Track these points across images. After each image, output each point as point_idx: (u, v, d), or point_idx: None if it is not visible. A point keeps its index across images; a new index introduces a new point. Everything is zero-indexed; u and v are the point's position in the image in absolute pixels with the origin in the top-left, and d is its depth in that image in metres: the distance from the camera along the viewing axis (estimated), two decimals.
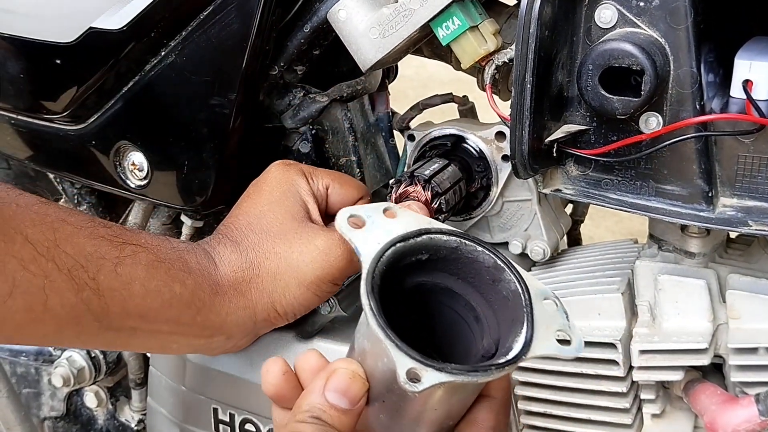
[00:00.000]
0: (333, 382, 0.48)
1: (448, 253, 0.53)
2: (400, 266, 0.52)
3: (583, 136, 0.75)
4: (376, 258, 0.49)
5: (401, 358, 0.44)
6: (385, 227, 0.51)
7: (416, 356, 0.44)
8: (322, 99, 0.94)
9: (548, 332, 0.50)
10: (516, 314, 0.50)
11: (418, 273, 0.54)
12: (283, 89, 0.94)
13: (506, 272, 0.52)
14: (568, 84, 0.74)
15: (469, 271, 0.53)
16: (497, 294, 0.52)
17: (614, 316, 0.84)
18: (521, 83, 0.69)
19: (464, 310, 0.55)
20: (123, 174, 0.95)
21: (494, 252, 0.52)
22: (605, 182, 0.76)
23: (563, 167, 0.79)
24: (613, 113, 0.69)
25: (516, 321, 0.50)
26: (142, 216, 1.10)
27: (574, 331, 0.51)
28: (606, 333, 0.84)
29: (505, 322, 0.51)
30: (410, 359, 0.44)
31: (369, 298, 0.47)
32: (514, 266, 0.52)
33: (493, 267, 0.52)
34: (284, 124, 0.94)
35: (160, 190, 0.94)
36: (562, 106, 0.75)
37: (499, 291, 0.52)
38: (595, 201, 0.77)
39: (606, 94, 0.68)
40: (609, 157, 0.74)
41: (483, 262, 0.52)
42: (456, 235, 0.53)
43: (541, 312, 0.50)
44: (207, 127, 0.86)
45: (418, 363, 0.44)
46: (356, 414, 0.48)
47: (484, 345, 0.53)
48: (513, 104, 0.71)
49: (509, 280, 0.52)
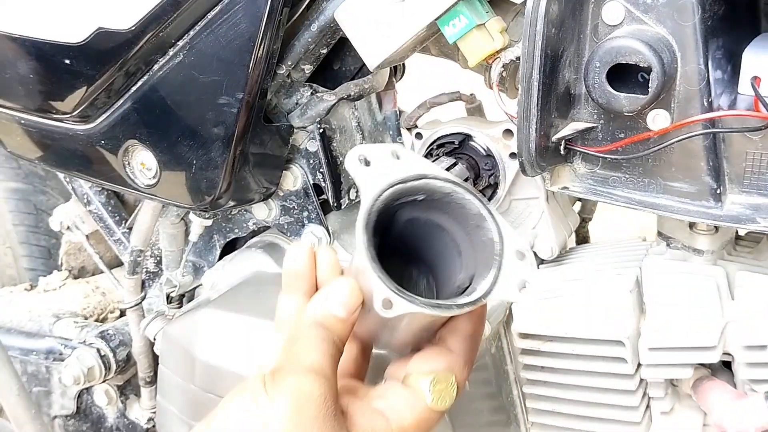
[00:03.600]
0: (333, 296, 0.57)
1: (442, 196, 0.59)
2: (399, 202, 0.59)
3: (591, 134, 0.75)
4: (375, 196, 0.56)
5: (379, 288, 0.53)
6: (389, 168, 0.58)
7: (392, 287, 0.53)
8: (329, 98, 0.94)
9: (511, 281, 0.57)
10: (490, 260, 0.57)
11: (415, 208, 0.60)
12: (291, 88, 0.94)
13: (487, 221, 0.58)
14: (576, 81, 0.74)
15: (459, 214, 0.60)
16: (478, 238, 0.59)
17: (623, 314, 0.84)
18: (528, 81, 0.69)
19: (451, 244, 0.62)
20: (132, 173, 0.96)
21: (482, 201, 0.59)
22: (613, 179, 0.76)
23: (571, 165, 0.79)
24: (620, 110, 0.69)
25: (488, 265, 0.57)
26: (151, 215, 1.11)
27: (532, 284, 0.58)
28: (614, 330, 0.84)
29: (481, 263, 0.58)
30: (387, 289, 0.52)
31: (363, 233, 0.54)
32: (497, 218, 0.59)
33: (478, 215, 0.59)
34: (292, 122, 0.95)
35: (168, 189, 0.94)
36: (569, 103, 0.75)
37: (480, 236, 0.59)
38: (602, 198, 0.77)
39: (613, 91, 0.68)
40: (616, 155, 0.74)
41: (470, 209, 0.59)
42: (450, 182, 0.59)
43: (511, 263, 0.57)
44: (215, 127, 0.87)
45: (392, 293, 0.52)
46: (351, 322, 0.57)
47: (461, 277, 0.60)
48: (520, 102, 0.71)
49: (489, 229, 0.58)
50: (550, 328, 0.88)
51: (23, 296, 1.44)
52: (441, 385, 0.58)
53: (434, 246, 0.63)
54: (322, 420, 0.51)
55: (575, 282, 0.91)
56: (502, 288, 0.56)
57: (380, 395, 0.58)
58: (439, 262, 0.64)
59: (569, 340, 0.87)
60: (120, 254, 1.27)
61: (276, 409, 0.50)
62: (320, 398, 0.51)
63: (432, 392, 0.57)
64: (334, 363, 0.55)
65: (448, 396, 0.58)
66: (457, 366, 0.59)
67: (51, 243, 1.57)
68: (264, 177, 0.96)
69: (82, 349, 1.21)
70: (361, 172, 0.57)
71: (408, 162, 0.59)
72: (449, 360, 0.59)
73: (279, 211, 1.03)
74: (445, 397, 0.58)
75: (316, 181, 0.98)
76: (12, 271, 1.58)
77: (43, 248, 1.57)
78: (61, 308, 1.38)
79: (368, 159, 0.58)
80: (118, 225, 1.25)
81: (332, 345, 0.55)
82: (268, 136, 0.93)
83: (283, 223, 1.02)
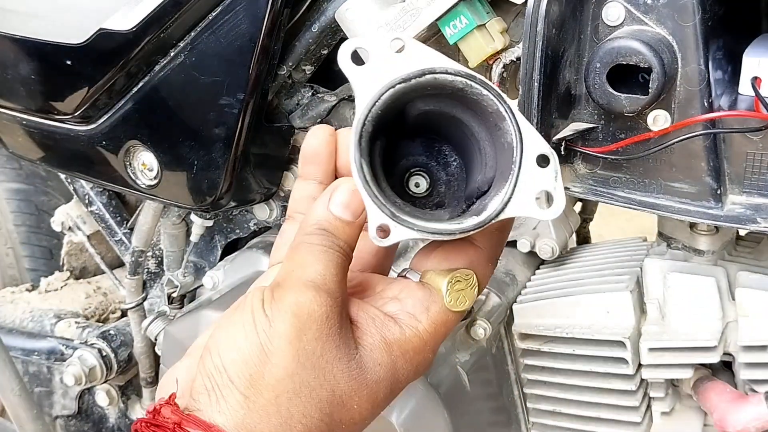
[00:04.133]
0: (336, 197, 0.52)
1: (455, 92, 0.51)
2: (403, 100, 0.51)
3: (591, 134, 0.75)
4: (370, 103, 0.49)
5: (374, 213, 0.47)
6: (389, 64, 0.50)
7: (388, 211, 0.47)
8: (330, 98, 0.94)
9: (529, 194, 0.49)
10: (507, 167, 0.50)
11: (427, 100, 0.53)
12: (292, 89, 0.94)
13: (507, 122, 0.50)
14: (576, 82, 0.74)
15: (477, 108, 0.52)
16: (498, 139, 0.52)
17: (623, 315, 0.84)
18: (529, 81, 0.69)
19: (471, 139, 0.54)
20: (133, 174, 0.96)
21: (500, 98, 0.50)
22: (613, 180, 0.76)
23: (571, 165, 0.79)
24: (620, 111, 0.69)
25: (505, 173, 0.50)
26: (153, 216, 1.11)
27: (557, 194, 0.50)
28: (615, 331, 0.84)
29: (501, 168, 0.51)
30: (382, 215, 0.47)
31: (356, 149, 0.48)
32: (516, 118, 0.50)
33: (496, 113, 0.51)
34: (293, 123, 0.95)
35: (170, 189, 0.94)
36: (569, 104, 0.75)
37: (500, 137, 0.51)
38: (603, 199, 0.77)
39: (613, 91, 0.68)
40: (617, 155, 0.74)
41: (487, 105, 0.51)
42: (463, 76, 0.50)
43: (530, 171, 0.49)
44: (216, 127, 0.87)
45: (388, 219, 0.47)
46: (358, 226, 0.52)
47: (480, 179, 0.53)
48: (520, 103, 0.71)
49: (508, 131, 0.50)
50: (551, 329, 0.88)
51: (25, 296, 1.44)
52: (460, 284, 0.53)
53: (455, 136, 0.56)
54: (324, 339, 0.48)
55: (576, 282, 0.91)
56: (518, 203, 0.49)
57: (395, 296, 0.54)
58: (462, 151, 0.57)
59: (570, 340, 0.88)
60: (121, 255, 1.27)
61: (275, 332, 0.47)
62: (322, 317, 0.48)
63: (450, 292, 0.53)
64: (339, 272, 0.51)
65: (468, 296, 0.53)
66: (480, 263, 0.55)
67: (52, 243, 1.57)
68: (265, 177, 0.96)
69: (83, 349, 1.21)
70: (355, 71, 0.50)
71: (411, 55, 0.50)
72: (471, 256, 0.54)
73: (280, 211, 1.03)
74: (465, 298, 0.53)
75: None
76: (14, 272, 1.58)
77: (45, 249, 1.57)
78: (63, 309, 1.39)
79: (363, 51, 0.50)
80: (120, 225, 1.26)
81: (338, 252, 0.51)
82: (270, 137, 0.93)
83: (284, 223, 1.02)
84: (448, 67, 0.51)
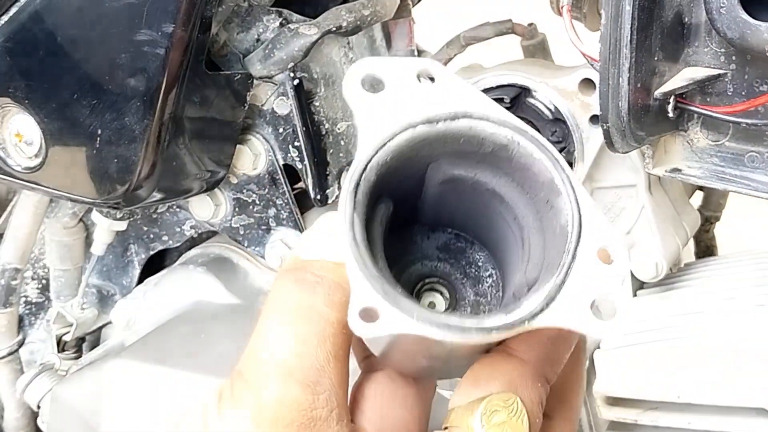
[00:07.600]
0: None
1: (497, 149, 0.54)
2: (425, 154, 0.54)
3: (716, 86, 0.75)
4: (380, 143, 0.51)
5: (360, 287, 0.48)
6: (411, 96, 0.53)
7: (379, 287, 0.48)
8: (309, 31, 0.94)
9: (579, 297, 0.50)
10: (558, 257, 0.51)
11: (454, 162, 0.56)
12: (249, 17, 0.94)
13: (562, 197, 0.52)
14: (691, 5, 0.74)
15: (523, 176, 0.55)
16: (550, 221, 0.54)
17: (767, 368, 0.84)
18: (618, 3, 0.69)
19: (513, 225, 0.57)
20: (2, 150, 0.96)
21: (556, 162, 0.53)
22: (751, 157, 0.76)
23: (685, 134, 0.79)
24: (760, 49, 0.69)
25: (552, 267, 0.51)
26: (32, 215, 1.11)
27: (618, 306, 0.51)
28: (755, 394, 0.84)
29: (548, 259, 0.53)
30: (372, 291, 0.48)
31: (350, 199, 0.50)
32: (576, 191, 0.52)
33: (549, 185, 0.53)
34: (250, 70, 0.95)
35: (59, 173, 0.95)
36: (681, 39, 0.75)
37: (551, 218, 0.53)
38: (734, 186, 0.77)
39: (750, 19, 0.68)
40: (755, 118, 0.74)
41: (538, 174, 0.53)
42: (509, 127, 0.53)
43: (587, 266, 0.51)
44: (131, 76, 0.87)
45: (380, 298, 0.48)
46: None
47: (517, 282, 0.55)
48: (604, 36, 0.71)
49: (562, 210, 0.52)
50: (653, 391, 0.88)
51: None
52: (499, 416, 0.54)
53: (492, 227, 0.59)
54: None
55: (692, 317, 0.91)
56: (564, 307, 0.50)
57: None
58: (498, 246, 0.60)
59: (684, 407, 0.88)
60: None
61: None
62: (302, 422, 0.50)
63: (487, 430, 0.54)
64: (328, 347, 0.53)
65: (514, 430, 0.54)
66: (523, 382, 0.55)
67: None
68: (207, 155, 0.97)
69: None
70: (365, 99, 0.53)
71: (442, 90, 0.54)
72: (511, 373, 0.55)
73: (231, 207, 1.03)
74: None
75: (288, 161, 0.99)
76: None
77: None
78: None
79: (379, 80, 0.53)
80: None
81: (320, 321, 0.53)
82: (214, 91, 0.93)
83: (237, 226, 1.03)
84: (490, 114, 0.53)
